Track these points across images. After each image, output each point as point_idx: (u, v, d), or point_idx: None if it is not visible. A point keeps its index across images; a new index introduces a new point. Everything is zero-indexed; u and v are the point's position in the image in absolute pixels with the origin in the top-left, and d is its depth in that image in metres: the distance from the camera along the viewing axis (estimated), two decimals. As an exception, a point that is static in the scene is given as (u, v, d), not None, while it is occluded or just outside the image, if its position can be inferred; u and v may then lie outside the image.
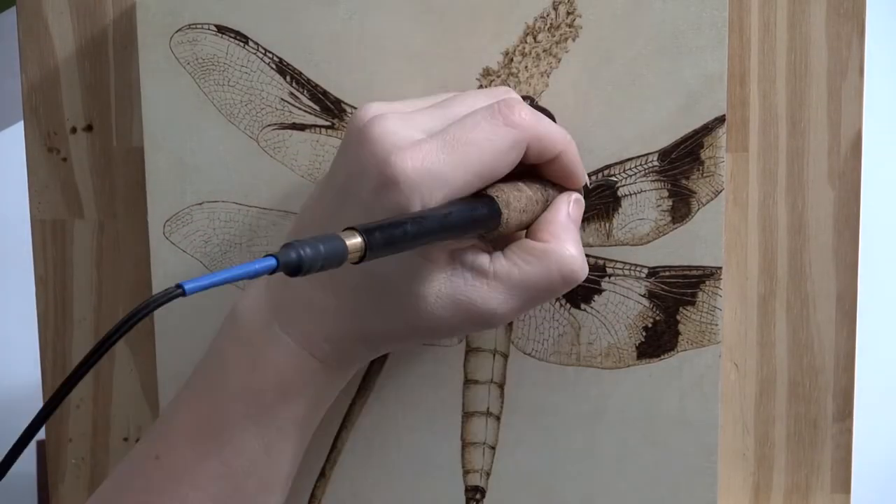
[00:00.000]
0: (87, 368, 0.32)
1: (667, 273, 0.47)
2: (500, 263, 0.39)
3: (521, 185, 0.40)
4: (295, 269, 0.31)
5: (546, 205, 0.41)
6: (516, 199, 0.39)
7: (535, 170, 0.41)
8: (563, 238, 0.40)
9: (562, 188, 0.42)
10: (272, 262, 0.31)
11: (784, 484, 0.49)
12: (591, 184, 0.45)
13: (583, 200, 0.42)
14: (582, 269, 0.40)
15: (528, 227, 0.41)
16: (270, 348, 0.41)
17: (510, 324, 0.48)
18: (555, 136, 0.40)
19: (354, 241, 0.33)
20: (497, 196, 0.38)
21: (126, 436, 0.53)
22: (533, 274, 0.39)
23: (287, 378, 0.41)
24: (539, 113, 0.40)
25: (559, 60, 0.46)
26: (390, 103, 0.40)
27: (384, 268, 0.38)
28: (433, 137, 0.37)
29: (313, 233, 0.36)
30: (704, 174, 0.46)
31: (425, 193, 0.36)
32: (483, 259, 0.39)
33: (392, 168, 0.36)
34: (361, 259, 0.33)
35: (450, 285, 0.39)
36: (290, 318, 0.41)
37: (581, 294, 0.47)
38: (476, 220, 0.37)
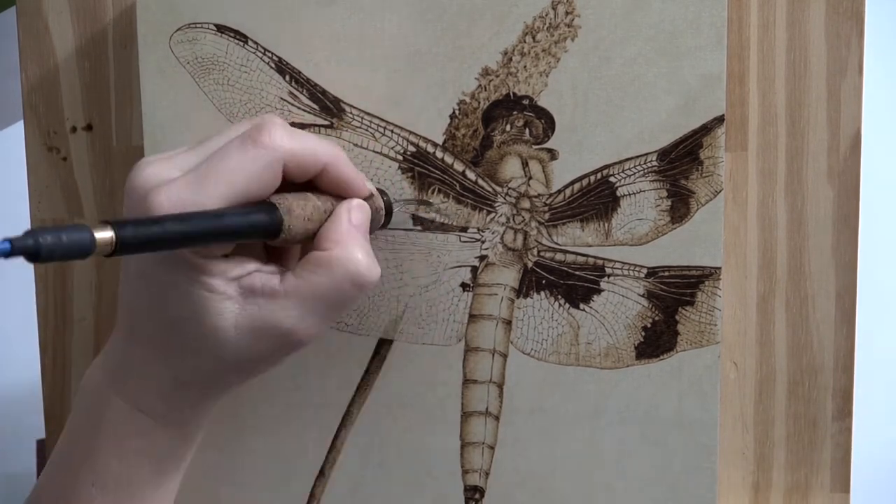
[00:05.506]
0: None
1: (666, 273, 0.46)
2: (289, 281, 0.40)
3: (308, 195, 0.41)
4: (32, 255, 0.30)
5: None
6: (300, 207, 0.39)
7: (318, 185, 0.42)
8: (346, 243, 0.40)
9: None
10: (6, 245, 0.30)
11: (783, 483, 0.49)
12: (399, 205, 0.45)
13: (365, 205, 0.42)
14: (369, 271, 0.40)
15: (315, 239, 0.41)
16: (107, 413, 0.42)
17: (509, 323, 0.48)
18: (314, 150, 0.40)
19: (105, 234, 0.32)
20: (279, 203, 0.39)
21: (126, 435, 0.53)
22: (321, 284, 0.39)
23: (127, 443, 0.42)
24: (298, 131, 0.41)
25: (558, 60, 0.46)
26: (161, 154, 0.41)
27: (175, 310, 0.39)
28: (187, 173, 0.38)
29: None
30: (703, 174, 0.46)
31: None
32: (273, 280, 0.40)
33: (148, 206, 0.37)
34: (114, 252, 0.33)
35: (244, 314, 0.39)
36: (121, 381, 0.42)
37: (580, 294, 0.47)
38: (254, 224, 0.38)
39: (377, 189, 0.44)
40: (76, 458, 0.42)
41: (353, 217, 0.41)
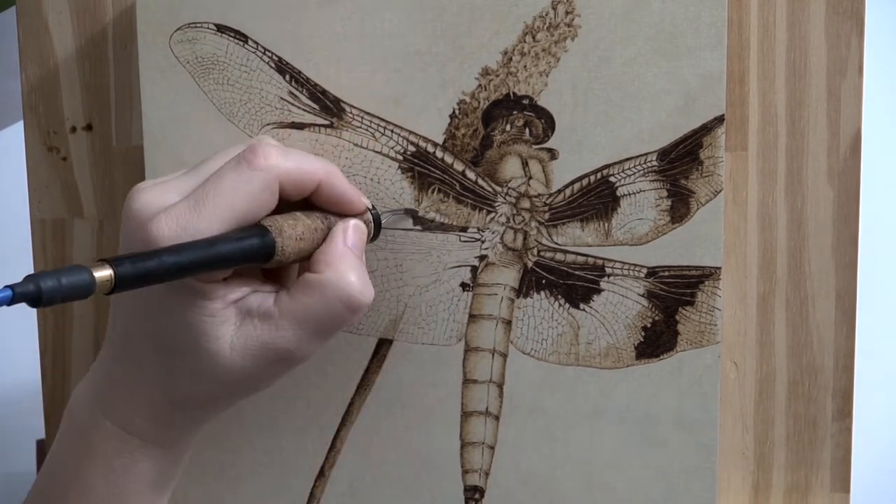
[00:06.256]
0: None
1: (666, 273, 0.46)
2: (283, 302, 0.40)
3: (298, 214, 0.41)
4: (34, 300, 0.31)
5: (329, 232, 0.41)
6: (291, 227, 0.39)
7: (313, 202, 0.42)
8: (339, 266, 0.40)
9: (344, 216, 0.42)
10: (8, 292, 0.31)
11: (784, 483, 0.49)
12: (384, 215, 0.45)
13: (362, 226, 0.42)
14: (362, 294, 0.40)
15: (310, 259, 0.41)
16: (94, 436, 0.42)
17: (509, 323, 0.48)
18: (309, 168, 0.41)
19: (103, 273, 0.33)
20: (270, 225, 0.39)
21: (125, 435, 0.53)
22: (314, 305, 0.39)
23: (114, 464, 0.42)
24: (292, 150, 0.41)
25: (558, 60, 0.46)
26: (156, 179, 0.41)
27: (173, 334, 0.39)
28: (185, 198, 0.39)
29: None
30: (703, 174, 0.46)
31: None
32: (268, 302, 0.40)
33: (150, 234, 0.38)
34: (114, 289, 0.33)
35: (240, 335, 0.39)
36: (109, 402, 0.41)
37: (580, 294, 0.47)
38: (247, 249, 0.38)
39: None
40: (63, 479, 0.42)
41: (348, 238, 0.41)
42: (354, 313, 0.40)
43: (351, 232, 0.41)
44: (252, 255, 0.38)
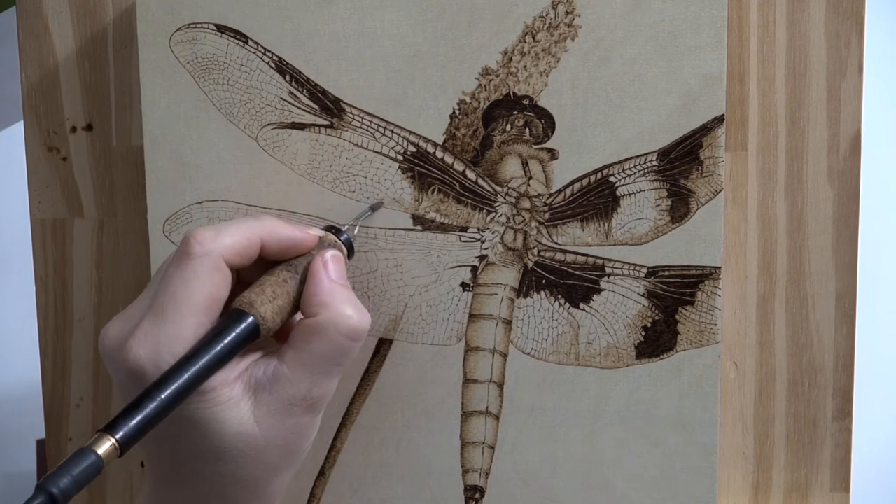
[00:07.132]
0: None
1: (666, 273, 0.46)
2: (289, 357, 0.40)
3: (262, 278, 0.41)
4: None
5: (298, 276, 0.41)
6: (258, 294, 0.39)
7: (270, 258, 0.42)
8: (332, 304, 0.40)
9: (305, 255, 0.42)
10: None
11: (784, 483, 0.49)
12: (349, 232, 0.44)
13: (338, 254, 0.42)
14: (361, 322, 0.40)
15: (301, 305, 0.41)
16: None
17: (509, 323, 0.48)
18: (246, 233, 0.40)
19: (107, 446, 0.33)
20: (238, 305, 0.39)
21: (126, 435, 0.53)
22: (320, 349, 0.40)
23: None
24: (224, 224, 0.41)
25: (558, 60, 0.46)
26: (119, 313, 0.41)
27: (196, 439, 0.39)
28: (146, 315, 0.39)
29: None
30: (703, 174, 0.46)
31: (164, 360, 0.38)
32: (271, 364, 0.40)
33: (128, 363, 0.38)
34: (124, 450, 0.34)
35: (260, 405, 0.39)
36: None
37: (580, 294, 0.47)
38: (233, 340, 0.38)
39: (330, 227, 0.44)
40: None
41: (330, 272, 0.41)
42: (359, 341, 0.40)
43: (331, 264, 0.41)
44: (241, 341, 0.38)
